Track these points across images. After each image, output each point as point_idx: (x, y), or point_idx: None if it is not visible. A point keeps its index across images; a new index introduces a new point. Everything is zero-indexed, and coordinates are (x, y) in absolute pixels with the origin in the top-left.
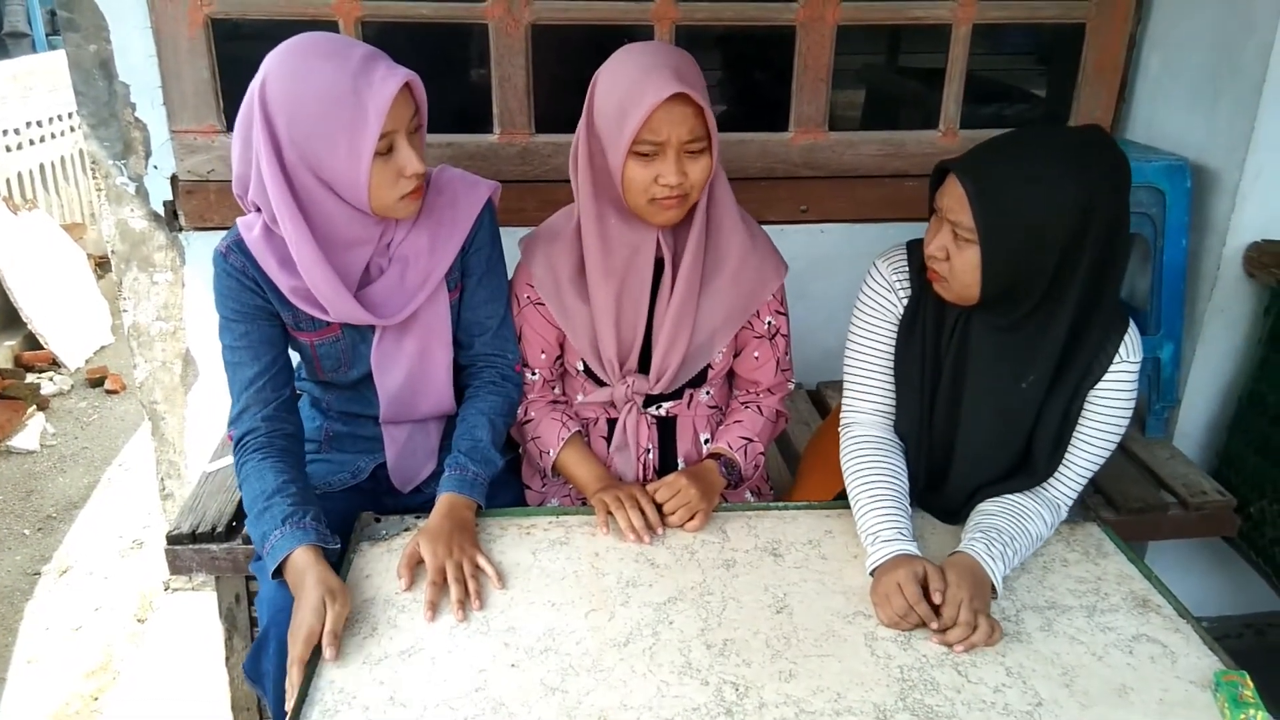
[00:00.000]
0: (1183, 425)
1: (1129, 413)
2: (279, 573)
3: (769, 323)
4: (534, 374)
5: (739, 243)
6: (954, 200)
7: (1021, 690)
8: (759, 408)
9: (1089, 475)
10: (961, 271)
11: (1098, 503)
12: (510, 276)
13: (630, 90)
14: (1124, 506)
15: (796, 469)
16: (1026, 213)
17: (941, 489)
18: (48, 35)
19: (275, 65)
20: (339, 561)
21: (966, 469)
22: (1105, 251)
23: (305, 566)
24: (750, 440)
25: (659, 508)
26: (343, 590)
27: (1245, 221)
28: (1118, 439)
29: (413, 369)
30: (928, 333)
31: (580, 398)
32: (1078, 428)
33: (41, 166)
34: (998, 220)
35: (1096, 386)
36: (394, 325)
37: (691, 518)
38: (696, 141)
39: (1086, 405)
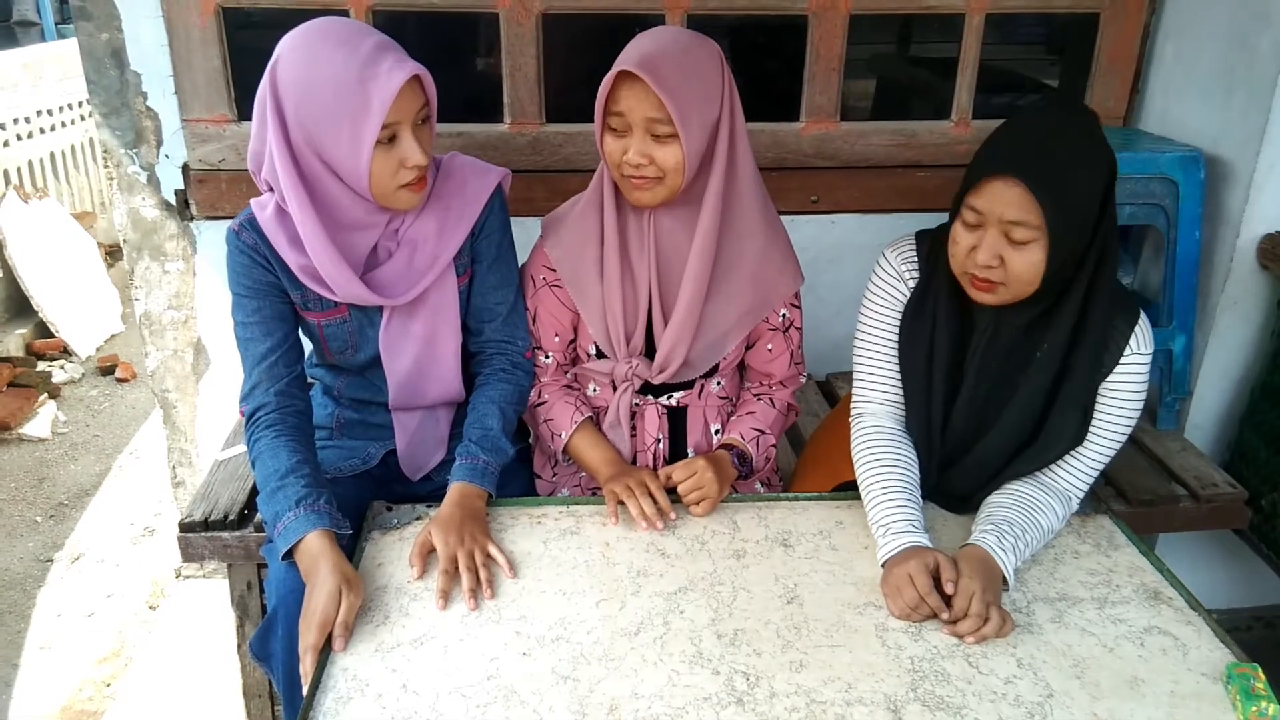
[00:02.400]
0: (1194, 417)
1: (1141, 405)
2: (289, 554)
3: (783, 315)
4: (547, 357)
5: (757, 245)
6: (1007, 203)
7: (1032, 681)
8: (771, 400)
9: (1101, 467)
10: (1023, 272)
11: (1109, 494)
12: (523, 263)
13: (615, 64)
14: (1135, 498)
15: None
16: (1084, 201)
17: (950, 482)
18: (57, 24)
19: (288, 48)
20: (349, 548)
21: (974, 463)
22: (1110, 236)
23: (319, 552)
24: (762, 432)
25: (671, 491)
26: (357, 580)
27: (1259, 213)
28: (1129, 431)
29: (420, 353)
30: (938, 324)
31: (592, 389)
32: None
33: (52, 155)
34: (1064, 214)
35: (1108, 379)
36: (402, 307)
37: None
38: (660, 125)
39: (1098, 397)
